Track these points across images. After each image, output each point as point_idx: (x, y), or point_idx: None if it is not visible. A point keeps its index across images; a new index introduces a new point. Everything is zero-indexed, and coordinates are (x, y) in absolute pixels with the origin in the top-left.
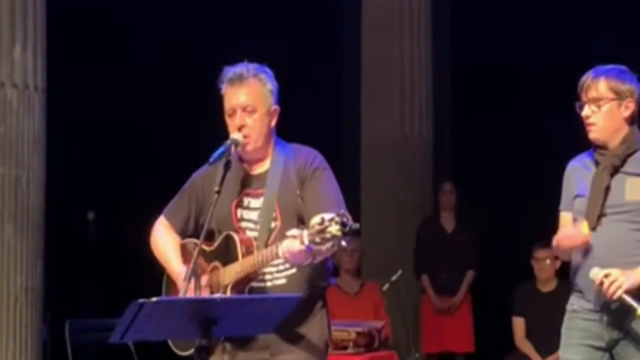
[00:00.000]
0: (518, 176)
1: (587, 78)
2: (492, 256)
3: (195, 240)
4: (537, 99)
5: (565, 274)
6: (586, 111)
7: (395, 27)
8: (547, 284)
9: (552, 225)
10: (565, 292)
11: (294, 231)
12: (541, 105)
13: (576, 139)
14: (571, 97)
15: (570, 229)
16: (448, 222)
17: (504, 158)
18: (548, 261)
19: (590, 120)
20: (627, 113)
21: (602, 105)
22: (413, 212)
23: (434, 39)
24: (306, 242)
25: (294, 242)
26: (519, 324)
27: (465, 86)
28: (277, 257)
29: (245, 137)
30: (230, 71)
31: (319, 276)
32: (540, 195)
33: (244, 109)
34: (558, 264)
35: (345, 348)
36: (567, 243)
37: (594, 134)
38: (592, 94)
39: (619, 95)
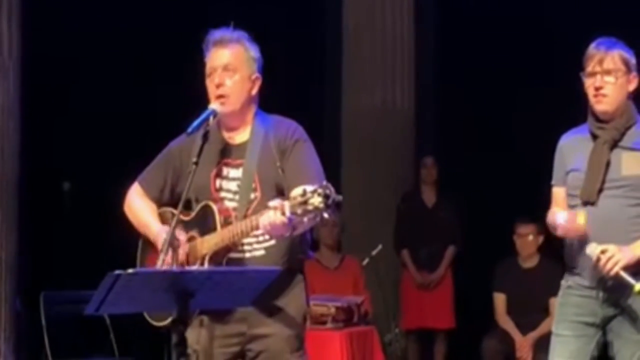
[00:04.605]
0: (500, 151)
1: (597, 49)
2: (474, 231)
3: (173, 210)
4: (522, 73)
5: (547, 250)
6: (600, 81)
7: None
8: (529, 260)
9: (535, 201)
10: (547, 269)
11: (275, 202)
12: (526, 79)
13: (563, 113)
14: (556, 72)
15: (567, 215)
16: (429, 196)
17: (486, 132)
18: (530, 237)
19: (604, 92)
20: (632, 87)
21: (619, 78)
22: (394, 187)
23: (417, 10)
24: (288, 213)
25: (276, 213)
26: (499, 300)
27: (449, 59)
28: (258, 228)
29: (221, 96)
30: (214, 34)
31: (298, 248)
32: (524, 171)
33: (224, 69)
34: (540, 239)
35: (324, 323)
36: (561, 232)
37: (604, 106)
38: (609, 65)
39: (629, 68)
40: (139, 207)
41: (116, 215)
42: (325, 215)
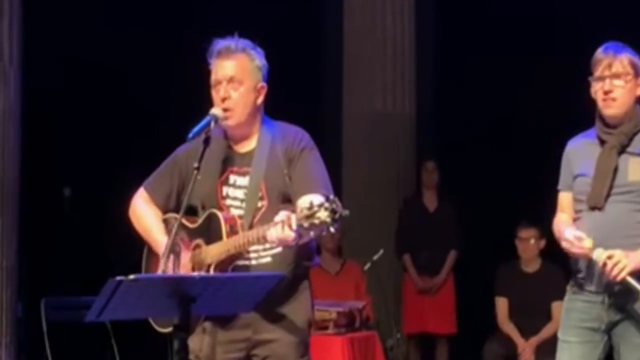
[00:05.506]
0: (502, 154)
1: (606, 53)
2: (475, 235)
3: (177, 216)
4: (523, 74)
5: (549, 254)
6: (609, 85)
7: (378, 2)
8: (531, 264)
9: (537, 205)
10: (549, 273)
11: (282, 215)
12: (528, 80)
13: (564, 116)
14: (558, 74)
15: (575, 233)
16: (430, 201)
17: (488, 135)
18: (532, 241)
19: (613, 95)
20: (639, 91)
21: (628, 81)
22: (395, 191)
23: (418, 14)
24: (294, 226)
25: (283, 227)
26: (501, 304)
27: (449, 61)
28: (265, 240)
29: (227, 110)
30: (218, 44)
31: (304, 256)
32: (525, 174)
33: (229, 81)
34: (542, 243)
35: (325, 328)
36: (566, 247)
37: (613, 110)
38: (618, 69)
39: (637, 73)
40: (144, 213)
41: (117, 222)
42: (332, 229)
